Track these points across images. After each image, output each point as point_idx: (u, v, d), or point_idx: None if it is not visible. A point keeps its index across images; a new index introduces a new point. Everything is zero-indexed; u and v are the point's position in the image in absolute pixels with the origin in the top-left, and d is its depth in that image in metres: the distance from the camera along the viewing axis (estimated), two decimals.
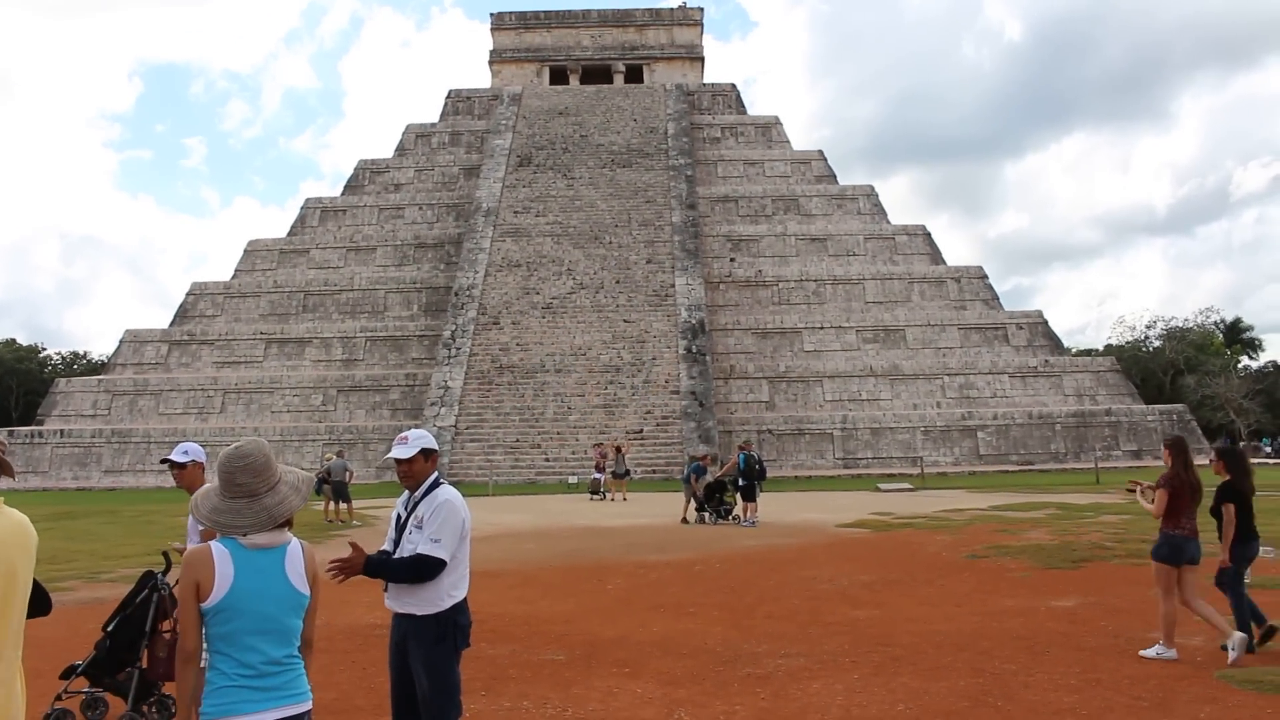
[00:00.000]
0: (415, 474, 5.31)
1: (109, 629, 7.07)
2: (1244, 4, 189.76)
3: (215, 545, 3.71)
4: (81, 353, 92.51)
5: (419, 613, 5.21)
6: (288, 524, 3.87)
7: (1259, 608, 9.28)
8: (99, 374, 59.09)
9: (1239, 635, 8.64)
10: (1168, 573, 9.10)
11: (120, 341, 54.92)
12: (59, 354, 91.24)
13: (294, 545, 3.82)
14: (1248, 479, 9.65)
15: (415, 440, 5.33)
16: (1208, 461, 10.47)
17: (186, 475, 6.81)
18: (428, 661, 5.18)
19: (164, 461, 6.94)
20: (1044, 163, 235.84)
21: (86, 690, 7.38)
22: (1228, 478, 9.65)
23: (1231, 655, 8.53)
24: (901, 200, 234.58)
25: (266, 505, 3.78)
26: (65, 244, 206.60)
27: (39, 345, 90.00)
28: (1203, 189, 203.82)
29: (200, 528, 6.76)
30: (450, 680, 5.24)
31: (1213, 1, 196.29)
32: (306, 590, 3.79)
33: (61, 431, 48.64)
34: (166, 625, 6.93)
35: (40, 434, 48.70)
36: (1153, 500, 9.44)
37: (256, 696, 3.62)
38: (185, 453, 6.83)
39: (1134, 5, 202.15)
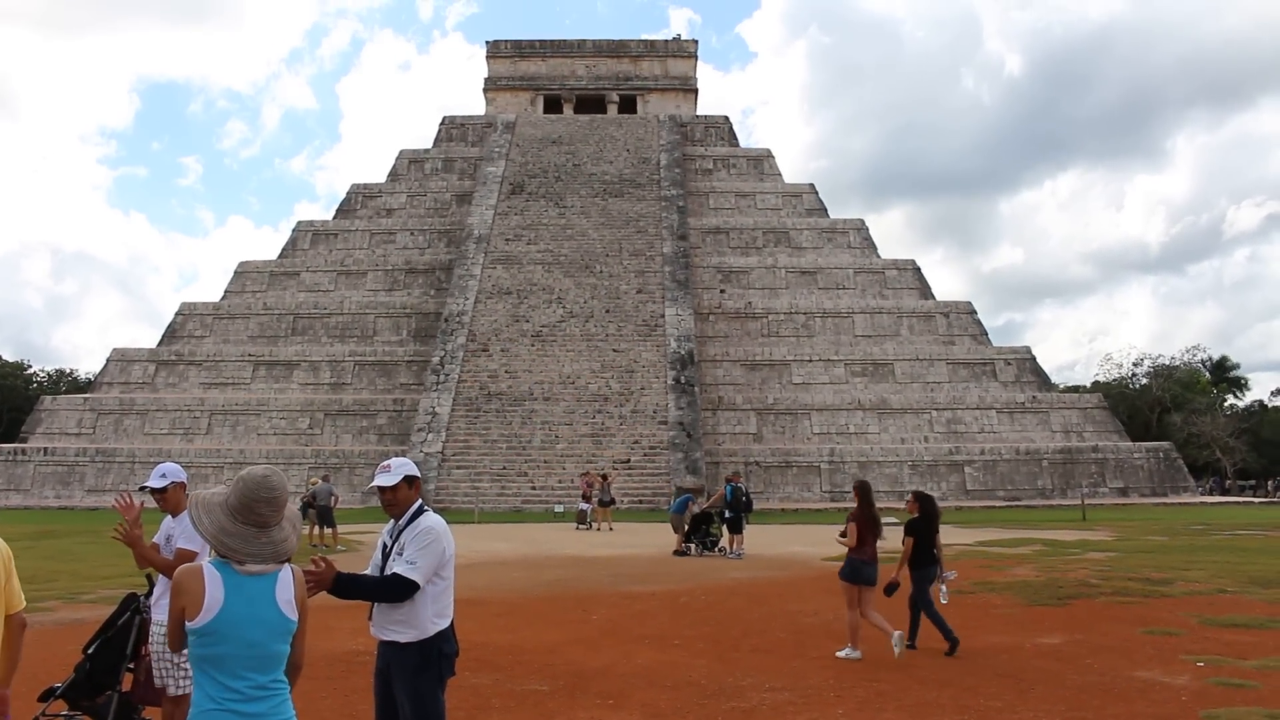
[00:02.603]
0: (399, 501, 5.28)
1: (89, 651, 7.00)
2: (1238, 44, 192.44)
3: (207, 567, 3.70)
4: (67, 370, 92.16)
5: (403, 640, 5.17)
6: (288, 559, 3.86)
7: (920, 624, 11.14)
8: (85, 392, 58.78)
9: (897, 633, 10.41)
10: (850, 590, 10.83)
11: (107, 360, 54.72)
12: (45, 371, 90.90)
13: (285, 571, 3.80)
14: (934, 519, 11.52)
15: (398, 468, 5.30)
16: (1193, 499, 10.65)
17: (169, 499, 6.76)
18: (411, 690, 5.14)
19: (143, 489, 6.88)
20: (1039, 199, 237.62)
21: (65, 714, 7.28)
22: (916, 515, 11.54)
23: (897, 651, 10.32)
24: (896, 233, 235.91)
25: (274, 539, 3.77)
26: (56, 260, 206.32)
27: (25, 362, 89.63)
28: (1196, 227, 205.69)
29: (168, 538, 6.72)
30: (434, 709, 5.19)
31: (1208, 41, 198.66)
32: (295, 616, 3.78)
33: (45, 450, 48.31)
34: (148, 649, 6.86)
35: (23, 451, 48.36)
36: (845, 535, 11.19)
37: None
38: (164, 476, 6.78)
39: (1130, 44, 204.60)
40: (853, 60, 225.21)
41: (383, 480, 5.26)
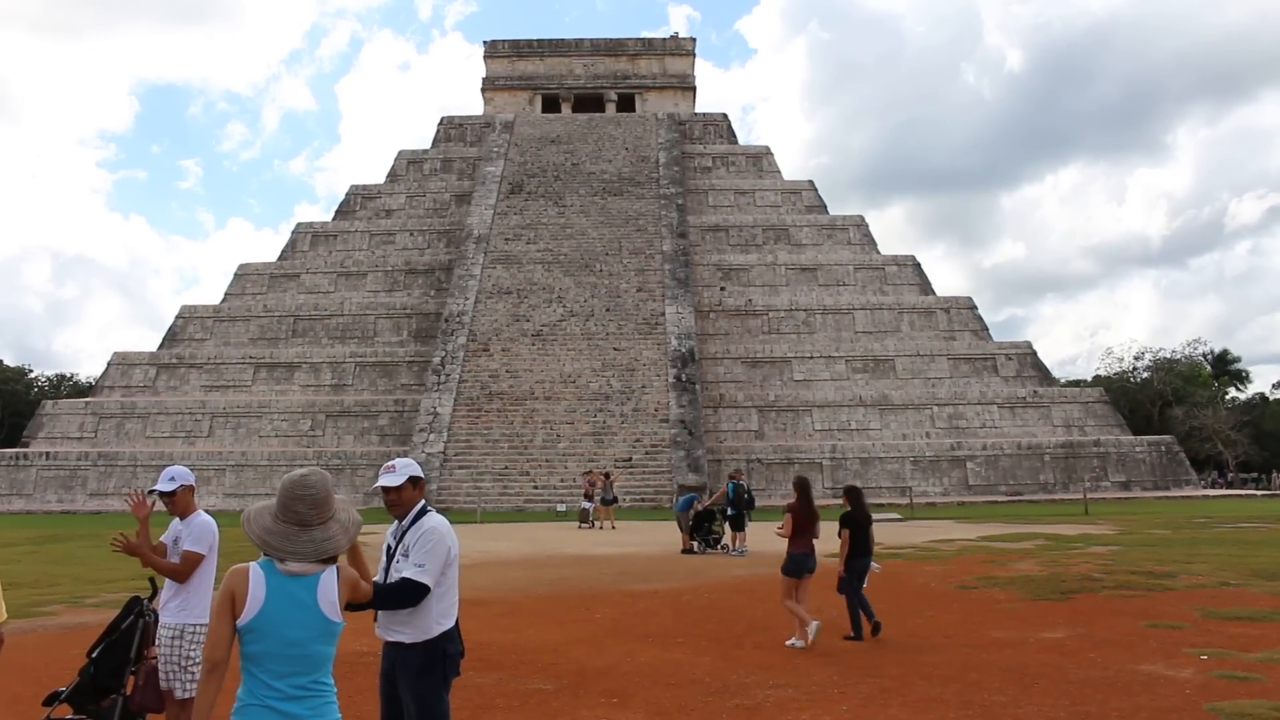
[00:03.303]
0: (403, 502, 5.29)
1: (93, 655, 7.00)
2: (1239, 37, 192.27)
3: (253, 566, 3.76)
4: (68, 374, 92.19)
5: (408, 640, 5.18)
6: (332, 560, 3.89)
7: (871, 608, 11.69)
8: (86, 396, 58.80)
9: (815, 624, 11.14)
10: (788, 583, 11.54)
11: (108, 364, 54.75)
12: (46, 376, 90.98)
13: (328, 573, 3.84)
14: (863, 511, 12.19)
15: (403, 469, 5.31)
16: (1195, 492, 10.72)
17: (177, 501, 6.76)
18: (416, 691, 5.15)
19: (151, 493, 6.88)
20: (1040, 193, 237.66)
21: (69, 718, 7.29)
22: (849, 509, 12.22)
23: (810, 639, 11.07)
24: (898, 229, 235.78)
25: (315, 538, 3.81)
26: (56, 264, 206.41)
27: (26, 367, 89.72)
28: (1197, 221, 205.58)
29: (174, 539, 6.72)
30: (439, 710, 5.20)
31: (1208, 34, 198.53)
32: (338, 618, 3.82)
33: (47, 454, 48.33)
34: (151, 652, 6.87)
35: (25, 456, 48.39)
36: (782, 528, 11.94)
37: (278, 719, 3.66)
38: (172, 479, 6.77)
39: (1130, 37, 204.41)
40: (853, 56, 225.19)
41: (387, 480, 5.26)
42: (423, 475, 5.43)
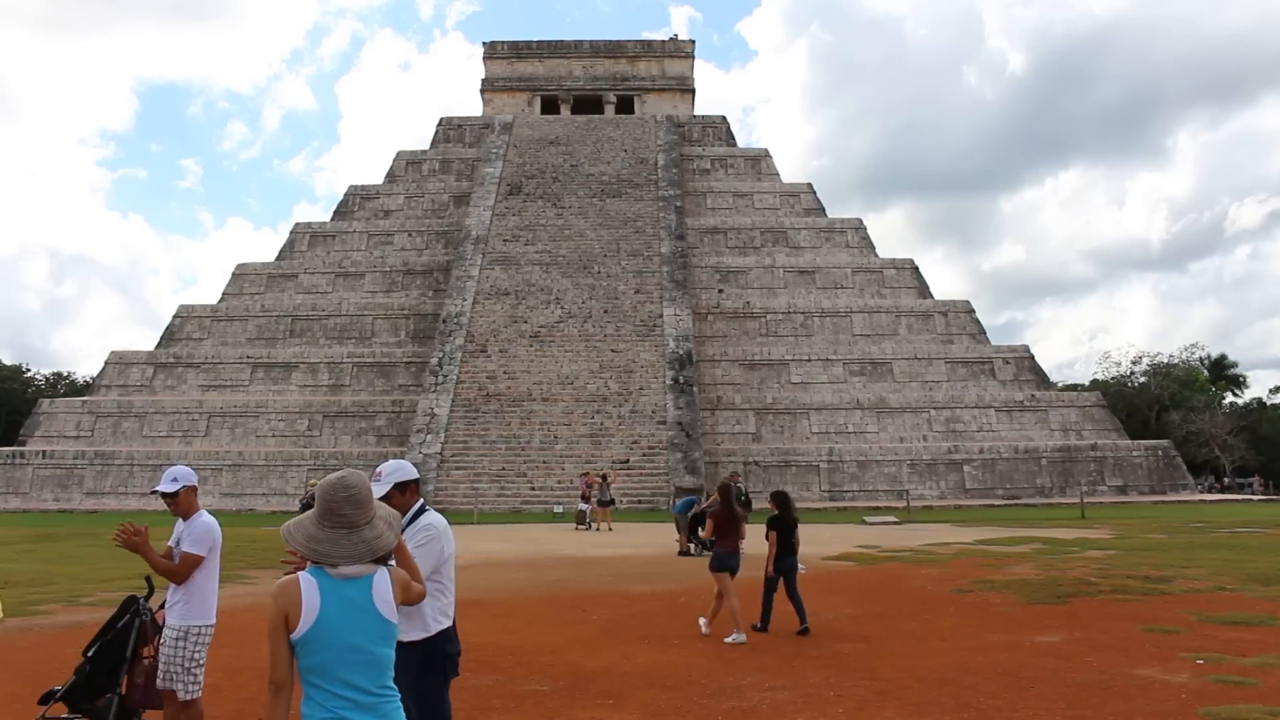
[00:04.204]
0: (396, 508, 5.28)
1: (89, 654, 7.00)
2: (1240, 41, 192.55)
3: (303, 576, 3.69)
4: (65, 373, 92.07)
5: (405, 639, 5.17)
6: (385, 559, 3.85)
7: (804, 609, 12.39)
8: (83, 395, 58.75)
9: (703, 620, 12.33)
10: (724, 579, 12.15)
11: (105, 363, 54.70)
12: (43, 374, 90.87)
13: (381, 573, 3.79)
14: (789, 515, 13.00)
15: (388, 476, 5.27)
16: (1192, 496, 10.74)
17: (180, 502, 6.75)
18: (417, 691, 5.13)
19: (154, 493, 6.87)
20: (1040, 197, 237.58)
21: (65, 716, 7.28)
22: (776, 512, 13.03)
23: (704, 631, 12.15)
24: (897, 232, 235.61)
25: (365, 538, 3.76)
26: (55, 262, 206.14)
27: (23, 365, 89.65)
28: (1197, 225, 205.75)
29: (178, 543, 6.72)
30: (441, 710, 5.20)
31: (1209, 38, 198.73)
32: (395, 618, 3.77)
33: (44, 453, 48.28)
34: (147, 651, 6.87)
35: (22, 455, 48.34)
36: (704, 529, 13.11)
37: None
38: (175, 480, 6.76)
39: (1131, 41, 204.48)
40: (854, 58, 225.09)
41: (375, 491, 5.25)
42: (415, 477, 5.40)
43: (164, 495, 6.74)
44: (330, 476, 3.89)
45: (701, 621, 12.43)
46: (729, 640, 11.67)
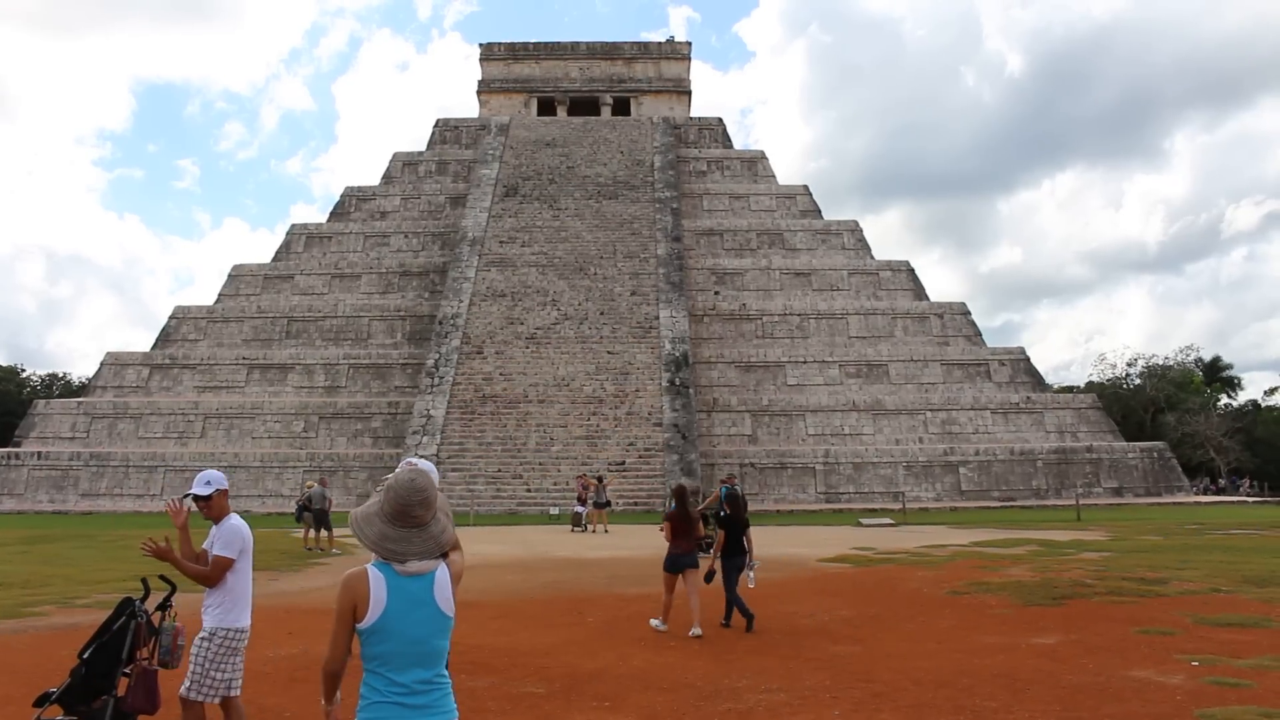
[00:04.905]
0: None
1: (85, 656, 6.99)
2: (1237, 43, 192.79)
3: (372, 570, 3.90)
4: (60, 374, 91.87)
5: None
6: (446, 553, 4.10)
7: (745, 605, 12.88)
8: (79, 396, 58.66)
9: (656, 621, 12.72)
10: (669, 578, 12.88)
11: (101, 364, 54.61)
12: (38, 375, 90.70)
13: (441, 570, 4.01)
14: (739, 515, 13.60)
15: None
16: (1188, 498, 10.76)
17: (213, 506, 6.72)
18: None
19: (186, 497, 6.84)
20: (1037, 199, 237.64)
21: (60, 719, 7.27)
22: (728, 513, 13.58)
23: (659, 626, 12.59)
24: (895, 234, 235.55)
25: (432, 534, 3.98)
26: (51, 263, 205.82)
27: (19, 366, 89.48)
28: (1194, 226, 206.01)
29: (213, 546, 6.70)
30: None
31: (1206, 40, 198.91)
32: (452, 613, 4.00)
33: (39, 454, 48.20)
34: (144, 653, 6.86)
35: (17, 456, 48.25)
36: (662, 529, 13.49)
37: (406, 714, 3.83)
38: (208, 483, 6.72)
39: (1129, 43, 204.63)
40: (852, 59, 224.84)
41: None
42: (436, 479, 5.41)
43: (197, 499, 6.72)
44: (401, 477, 4.03)
45: (654, 622, 12.83)
46: (653, 624, 12.73)
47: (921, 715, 8.34)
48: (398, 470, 4.69)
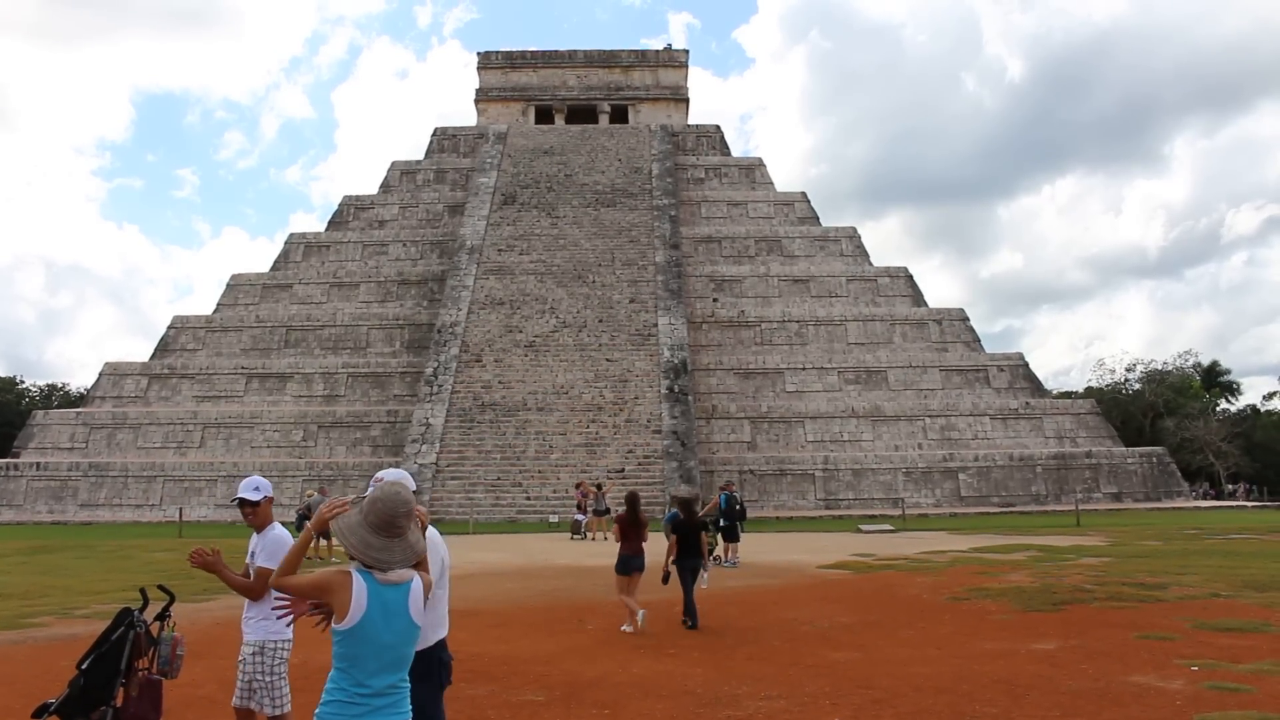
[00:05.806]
0: None
1: (83, 666, 6.99)
2: (1237, 48, 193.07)
3: (355, 576, 4.05)
4: (59, 385, 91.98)
5: None
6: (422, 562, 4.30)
7: (695, 608, 13.57)
8: (78, 406, 58.63)
9: (642, 612, 13.12)
10: (622, 580, 13.58)
11: (100, 374, 54.58)
12: (37, 386, 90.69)
13: (416, 581, 4.18)
14: (692, 520, 14.19)
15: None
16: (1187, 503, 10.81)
17: (260, 513, 6.66)
18: (415, 699, 5.14)
19: (235, 500, 6.79)
20: (1038, 204, 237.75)
21: None
22: (683, 517, 14.12)
23: (639, 626, 12.98)
24: (895, 240, 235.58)
25: (410, 543, 4.18)
26: (50, 273, 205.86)
27: (17, 377, 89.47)
28: (1194, 232, 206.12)
29: (252, 558, 6.69)
30: (437, 717, 5.20)
31: (1206, 45, 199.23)
32: (422, 622, 4.21)
33: (38, 464, 48.17)
34: (142, 663, 6.85)
35: (16, 466, 48.22)
36: (613, 533, 14.54)
37: (365, 714, 4.00)
38: (256, 489, 6.63)
39: (1129, 48, 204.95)
40: (852, 66, 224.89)
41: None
42: (414, 488, 5.41)
43: (246, 503, 6.64)
44: (386, 490, 4.21)
45: (625, 628, 13.20)
46: (624, 629, 13.12)
47: None
48: (373, 486, 4.77)
